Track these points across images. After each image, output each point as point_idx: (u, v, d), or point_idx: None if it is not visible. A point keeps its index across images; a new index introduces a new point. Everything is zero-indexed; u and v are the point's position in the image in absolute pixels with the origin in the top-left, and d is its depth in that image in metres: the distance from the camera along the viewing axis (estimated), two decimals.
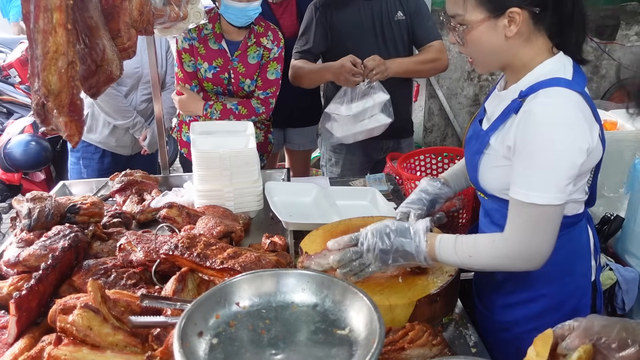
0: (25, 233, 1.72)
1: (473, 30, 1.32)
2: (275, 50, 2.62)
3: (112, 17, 1.67)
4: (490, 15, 1.28)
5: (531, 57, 1.35)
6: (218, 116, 2.56)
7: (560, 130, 1.23)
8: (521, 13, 1.27)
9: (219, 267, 1.34)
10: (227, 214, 1.92)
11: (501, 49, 1.34)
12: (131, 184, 2.19)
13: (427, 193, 1.68)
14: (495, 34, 1.31)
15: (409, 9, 2.64)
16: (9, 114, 4.65)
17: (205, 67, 2.57)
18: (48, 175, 3.90)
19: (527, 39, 1.33)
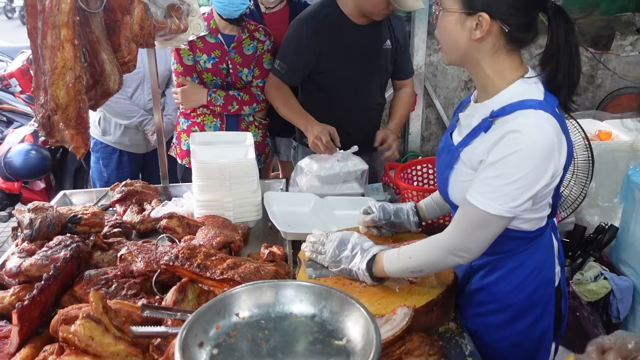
0: (27, 243, 1.74)
1: (444, 16, 1.35)
2: (267, 43, 2.74)
3: (113, 32, 1.70)
4: (462, 10, 1.30)
5: (497, 71, 1.35)
6: (222, 102, 2.63)
7: (538, 156, 1.24)
8: (490, 23, 1.28)
9: (218, 278, 1.36)
10: (226, 224, 1.94)
11: (464, 47, 1.35)
12: (131, 194, 2.21)
13: (398, 215, 1.80)
14: (462, 30, 1.32)
15: (396, 38, 2.61)
16: (8, 122, 4.67)
17: (204, 58, 2.64)
18: (48, 184, 3.92)
19: (495, 52, 1.33)
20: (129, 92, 3.03)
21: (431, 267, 1.44)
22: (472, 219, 1.32)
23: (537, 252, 1.48)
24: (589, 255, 2.38)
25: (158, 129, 2.50)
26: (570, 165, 2.42)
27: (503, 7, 1.27)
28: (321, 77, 2.57)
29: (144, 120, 3.03)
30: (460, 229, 1.36)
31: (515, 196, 1.26)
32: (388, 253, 1.47)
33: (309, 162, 2.36)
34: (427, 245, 1.43)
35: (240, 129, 2.76)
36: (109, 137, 3.08)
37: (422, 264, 1.42)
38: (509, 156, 1.25)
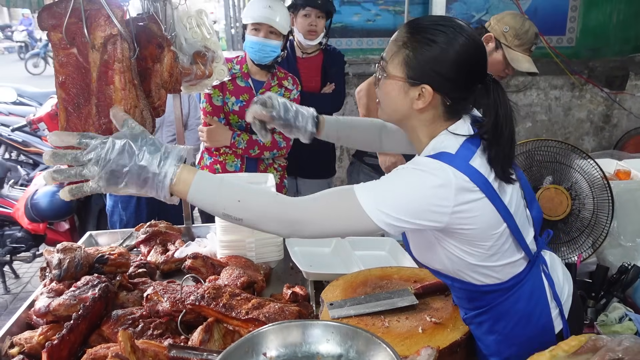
0: (55, 283, 1.78)
1: (388, 82, 1.33)
2: (294, 92, 2.82)
3: (144, 79, 1.78)
4: (406, 80, 1.29)
5: (431, 137, 1.34)
6: (244, 146, 2.70)
7: (428, 179, 1.20)
8: (433, 95, 1.28)
9: (244, 318, 1.38)
10: (249, 265, 1.96)
11: (404, 113, 1.34)
12: (155, 234, 2.26)
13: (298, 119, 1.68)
14: (404, 98, 1.31)
15: None
16: (35, 165, 4.82)
17: (232, 100, 2.73)
18: (72, 225, 4.00)
19: (434, 121, 1.33)
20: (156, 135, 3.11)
21: (252, 220, 1.24)
22: (341, 201, 1.23)
23: (520, 300, 1.40)
24: (612, 295, 2.35)
25: None
26: (591, 205, 2.44)
27: (446, 83, 1.27)
28: None
29: None
30: (319, 203, 1.25)
31: (393, 205, 1.20)
32: (202, 173, 1.21)
33: None
34: (272, 199, 1.25)
35: (259, 170, 2.82)
36: None
37: (251, 217, 1.23)
38: (398, 170, 1.25)
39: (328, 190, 1.28)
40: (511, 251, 1.35)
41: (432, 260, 1.41)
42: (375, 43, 4.50)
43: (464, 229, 1.26)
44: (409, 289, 1.70)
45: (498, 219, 1.29)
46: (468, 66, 1.28)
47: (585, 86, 4.70)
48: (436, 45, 1.25)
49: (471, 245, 1.30)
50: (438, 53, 1.25)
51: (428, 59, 1.26)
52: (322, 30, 3.07)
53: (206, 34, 2.26)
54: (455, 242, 1.30)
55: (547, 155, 2.45)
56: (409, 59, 1.28)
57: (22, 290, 4.13)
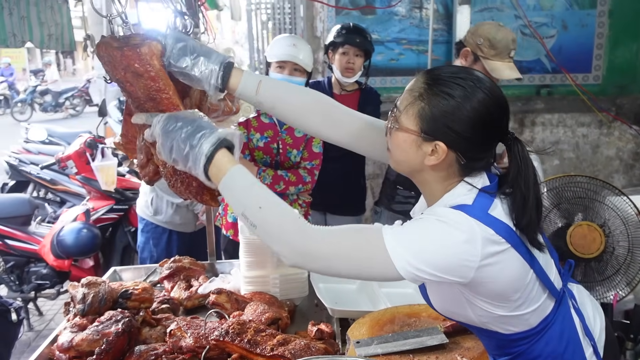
0: (79, 318, 1.77)
1: (400, 134, 1.23)
2: None
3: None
4: (419, 134, 1.20)
5: (445, 191, 1.26)
6: (270, 181, 2.69)
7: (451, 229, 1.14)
8: (447, 152, 1.19)
9: (269, 354, 1.34)
10: (273, 301, 1.93)
11: (415, 167, 1.26)
12: (179, 270, 2.24)
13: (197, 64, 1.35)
14: (416, 152, 1.22)
15: None
16: (62, 202, 4.89)
17: (257, 137, 2.75)
18: (96, 262, 4.02)
19: (447, 178, 1.25)
20: None
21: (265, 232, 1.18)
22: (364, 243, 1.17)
23: (550, 342, 1.32)
24: None
25: (207, 207, 2.57)
26: (625, 242, 2.36)
27: (461, 141, 1.19)
28: None
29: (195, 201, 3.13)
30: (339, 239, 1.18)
31: (419, 256, 1.13)
32: (240, 168, 1.19)
33: None
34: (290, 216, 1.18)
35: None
36: (160, 217, 3.16)
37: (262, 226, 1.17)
38: (422, 220, 1.19)
39: (353, 227, 1.22)
40: (538, 295, 1.28)
41: (455, 315, 1.34)
42: (398, 82, 4.52)
43: (491, 282, 1.19)
44: (438, 327, 1.64)
45: (525, 268, 1.22)
46: (486, 124, 1.19)
47: (613, 123, 4.64)
48: (453, 99, 1.17)
49: (499, 299, 1.23)
50: (454, 108, 1.17)
51: (443, 113, 1.17)
52: (359, 68, 3.10)
53: None
54: (482, 296, 1.23)
55: (576, 191, 2.39)
56: (423, 112, 1.19)
57: (46, 327, 4.12)
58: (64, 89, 16.87)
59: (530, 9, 4.38)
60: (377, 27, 4.39)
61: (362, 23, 4.20)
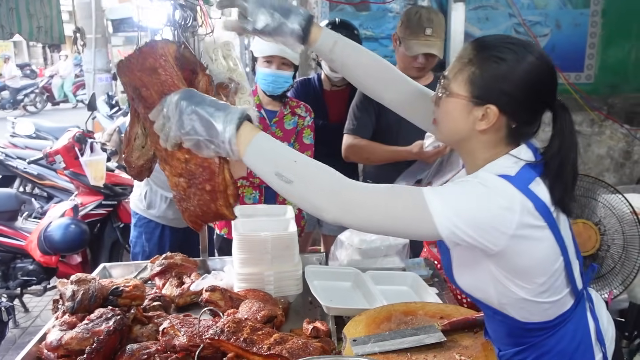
0: (68, 316, 1.72)
1: (450, 101, 1.25)
2: (308, 119, 2.81)
3: None
4: (470, 99, 1.22)
5: (489, 161, 1.26)
6: None
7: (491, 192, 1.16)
8: (498, 116, 1.20)
9: (266, 354, 1.31)
10: (267, 298, 1.89)
11: (464, 135, 1.27)
12: (171, 267, 2.20)
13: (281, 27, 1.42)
14: (466, 118, 1.24)
15: None
16: (49, 198, 4.83)
17: None
18: (84, 258, 3.96)
19: (495, 145, 1.26)
20: None
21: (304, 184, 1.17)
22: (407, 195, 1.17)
23: (563, 340, 1.31)
24: None
25: None
26: (620, 240, 2.36)
27: (513, 103, 1.20)
28: (385, 132, 2.73)
29: None
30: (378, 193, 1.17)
31: (460, 214, 1.14)
32: (265, 135, 1.21)
33: (349, 235, 2.34)
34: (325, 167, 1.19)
35: (278, 201, 2.78)
36: (153, 211, 3.11)
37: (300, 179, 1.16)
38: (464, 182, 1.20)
39: (392, 185, 1.22)
40: (561, 287, 1.27)
41: (475, 288, 1.33)
42: None
43: (520, 257, 1.19)
44: (435, 325, 1.62)
45: (556, 252, 1.22)
46: (536, 87, 1.21)
47: (604, 122, 4.66)
48: (504, 63, 1.19)
49: (524, 279, 1.22)
50: (506, 71, 1.19)
51: (495, 77, 1.19)
52: None
53: (232, 66, 2.25)
54: (508, 273, 1.22)
55: None
56: (474, 77, 1.21)
57: (32, 324, 4.06)
58: (23, 85, 16.15)
59: (525, 7, 4.39)
60: (371, 23, 4.37)
61: (357, 19, 4.17)
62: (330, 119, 3.08)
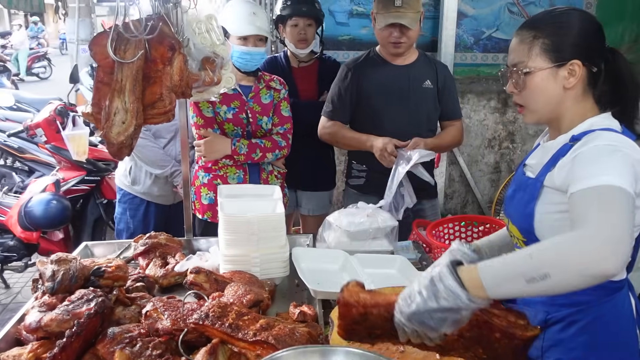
0: (48, 296, 1.67)
1: (534, 77, 1.39)
2: (283, 92, 2.77)
3: (154, 82, 1.69)
4: (552, 64, 1.37)
5: (580, 115, 1.40)
6: (246, 150, 2.60)
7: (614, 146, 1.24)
8: (581, 67, 1.36)
9: (251, 340, 1.27)
10: (253, 281, 1.86)
11: (556, 100, 1.40)
12: (155, 246, 2.15)
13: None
14: (555, 83, 1.38)
15: (437, 80, 2.71)
16: (30, 172, 4.70)
17: (224, 109, 2.64)
18: (66, 235, 3.88)
19: (581, 96, 1.40)
20: (163, 143, 3.02)
21: (562, 271, 1.03)
22: (594, 199, 1.14)
23: (615, 309, 1.40)
24: None
25: (185, 180, 2.47)
26: None
27: (588, 50, 1.36)
28: (362, 116, 2.74)
29: (176, 172, 3.01)
30: (587, 217, 1.11)
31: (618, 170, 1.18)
32: (482, 263, 1.11)
33: (338, 216, 2.29)
34: (558, 241, 1.08)
35: (261, 179, 2.73)
36: (138, 187, 3.05)
37: (550, 264, 1.03)
38: (587, 158, 1.25)
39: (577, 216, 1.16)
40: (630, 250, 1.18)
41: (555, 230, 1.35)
42: None
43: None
44: None
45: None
46: (596, 29, 1.39)
47: None
48: (565, 22, 1.38)
49: None
50: (570, 27, 1.37)
51: (565, 35, 1.36)
52: (312, 37, 3.04)
53: (215, 40, 2.18)
54: None
55: None
56: (547, 46, 1.37)
57: (12, 301, 3.99)
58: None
59: None
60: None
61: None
62: (300, 96, 3.03)
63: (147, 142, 2.92)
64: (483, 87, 4.52)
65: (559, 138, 1.43)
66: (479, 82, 4.52)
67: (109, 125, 1.50)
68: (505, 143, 4.72)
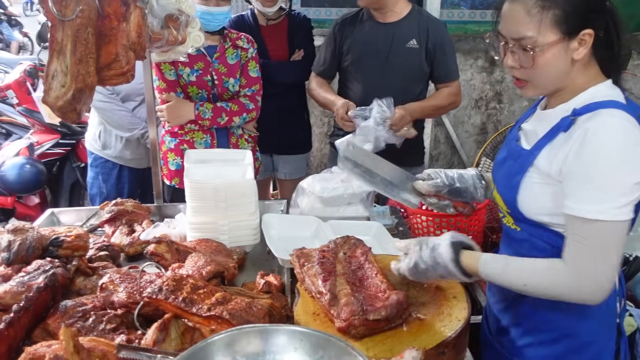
0: (4, 267, 1.61)
1: (545, 53, 1.26)
2: (251, 51, 2.66)
3: (109, 40, 1.58)
4: (564, 37, 1.25)
5: (585, 82, 1.32)
6: (210, 115, 2.51)
7: (621, 148, 1.19)
8: (592, 35, 1.25)
9: (205, 315, 1.22)
10: (220, 249, 1.80)
11: (564, 72, 1.30)
12: (121, 214, 2.08)
13: (462, 180, 1.63)
14: (565, 57, 1.27)
15: (427, 41, 2.59)
16: (7, 134, 4.57)
17: (187, 71, 2.53)
18: (42, 199, 3.81)
19: (586, 63, 1.31)
20: (133, 105, 2.92)
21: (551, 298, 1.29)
22: (588, 235, 1.20)
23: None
24: None
25: (153, 145, 2.38)
26: None
27: (597, 16, 1.26)
28: (346, 72, 2.71)
29: (146, 133, 2.92)
30: (580, 254, 1.22)
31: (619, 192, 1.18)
32: (485, 256, 1.34)
33: (311, 181, 2.22)
34: (552, 275, 1.26)
35: (231, 143, 2.64)
36: (109, 151, 2.97)
37: (540, 296, 1.30)
38: (590, 157, 1.20)
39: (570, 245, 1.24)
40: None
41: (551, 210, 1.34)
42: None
43: None
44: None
45: None
46: None
47: None
48: None
49: None
50: None
51: (577, 4, 1.24)
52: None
53: None
54: None
55: None
56: (558, 17, 1.24)
57: None
58: None
59: None
60: None
61: None
62: (270, 55, 2.91)
63: (113, 106, 2.83)
64: (470, 45, 4.39)
65: (559, 107, 1.35)
66: (466, 41, 4.39)
67: (47, 88, 1.40)
68: (492, 103, 4.62)
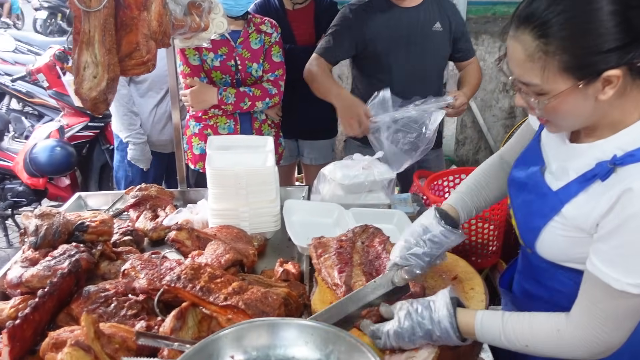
0: (31, 251, 1.66)
1: (558, 102, 1.07)
2: (275, 35, 2.64)
3: (130, 30, 1.59)
4: (577, 84, 1.03)
5: (624, 116, 1.10)
6: (233, 100, 2.52)
7: None
8: (620, 73, 1.01)
9: (222, 304, 1.24)
10: (240, 236, 1.82)
11: (589, 113, 1.09)
12: (145, 199, 2.12)
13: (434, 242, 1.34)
14: (584, 100, 1.06)
15: (449, 22, 2.56)
16: (40, 116, 4.69)
17: (211, 57, 2.54)
18: (73, 181, 3.90)
19: (623, 94, 1.06)
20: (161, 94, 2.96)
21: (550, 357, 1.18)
22: (609, 305, 1.07)
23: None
24: None
25: (176, 129, 2.40)
26: None
27: (621, 52, 1.00)
28: (368, 61, 2.57)
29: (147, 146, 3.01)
30: (591, 318, 1.09)
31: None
32: (484, 320, 1.19)
33: (332, 168, 2.22)
34: (555, 339, 1.13)
35: (254, 128, 2.65)
36: None
37: (542, 356, 1.17)
38: (632, 222, 1.01)
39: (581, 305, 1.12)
40: None
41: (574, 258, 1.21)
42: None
43: None
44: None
45: None
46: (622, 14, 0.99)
47: None
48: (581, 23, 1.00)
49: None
50: (591, 29, 0.99)
51: (587, 44, 1.00)
52: None
53: None
54: None
55: None
56: (567, 63, 1.02)
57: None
58: None
59: None
60: None
61: None
62: (297, 40, 2.87)
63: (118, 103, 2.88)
64: (499, 27, 4.28)
65: (595, 145, 1.13)
66: (494, 22, 4.28)
67: (80, 80, 1.42)
68: None
